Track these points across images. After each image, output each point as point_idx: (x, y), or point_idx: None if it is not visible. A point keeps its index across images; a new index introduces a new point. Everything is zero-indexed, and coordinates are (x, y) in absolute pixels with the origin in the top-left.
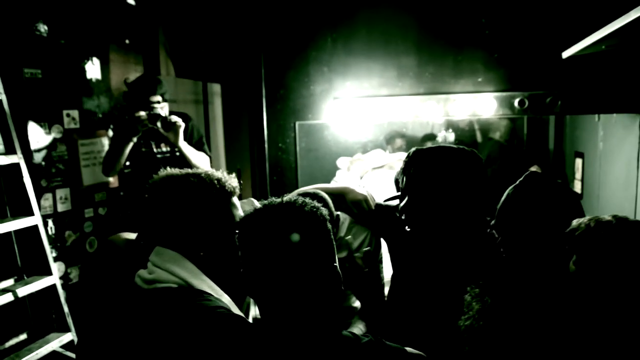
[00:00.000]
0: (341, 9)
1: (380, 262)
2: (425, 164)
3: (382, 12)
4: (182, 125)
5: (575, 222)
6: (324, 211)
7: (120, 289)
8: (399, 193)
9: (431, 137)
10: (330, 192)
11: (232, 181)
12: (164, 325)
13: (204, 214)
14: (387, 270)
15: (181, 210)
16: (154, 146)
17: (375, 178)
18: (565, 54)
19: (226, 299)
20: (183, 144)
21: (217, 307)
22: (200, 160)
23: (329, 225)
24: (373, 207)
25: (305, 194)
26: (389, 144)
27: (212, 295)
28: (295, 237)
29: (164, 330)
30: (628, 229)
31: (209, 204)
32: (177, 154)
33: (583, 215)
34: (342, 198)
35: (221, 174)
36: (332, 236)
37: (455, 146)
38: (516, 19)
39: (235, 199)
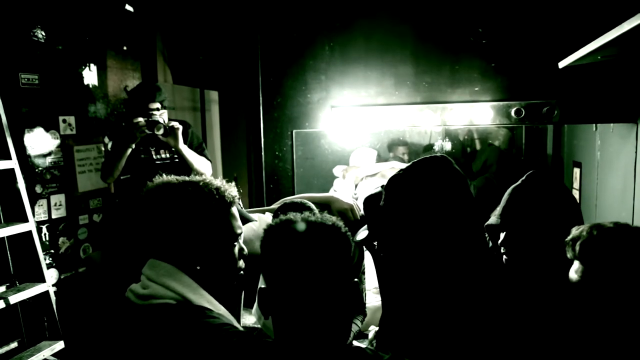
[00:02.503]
0: (339, 18)
1: (363, 272)
2: (394, 200)
3: (380, 21)
4: (180, 127)
5: (576, 231)
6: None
7: (101, 304)
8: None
9: (432, 146)
10: (316, 201)
11: (231, 190)
12: (167, 345)
13: (201, 226)
14: (369, 281)
15: (178, 221)
16: (153, 153)
17: (368, 186)
18: (562, 64)
19: (225, 313)
20: (183, 147)
21: (223, 325)
22: (201, 165)
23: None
24: (358, 217)
25: (292, 203)
26: (391, 152)
27: (214, 312)
28: (301, 226)
29: (168, 350)
30: (632, 237)
31: (207, 214)
32: (177, 160)
33: (581, 215)
34: (327, 207)
35: (220, 182)
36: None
37: (416, 162)
38: (513, 29)
39: (234, 209)
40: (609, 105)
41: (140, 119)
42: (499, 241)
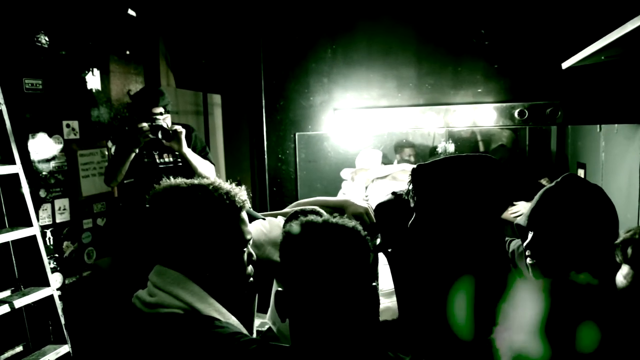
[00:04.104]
0: (341, 21)
1: (377, 277)
2: (430, 179)
3: (382, 23)
4: (183, 131)
5: (626, 233)
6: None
7: (107, 310)
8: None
9: (435, 148)
10: (330, 205)
11: (241, 194)
12: (177, 357)
13: (211, 232)
14: (382, 284)
15: (186, 226)
16: (156, 157)
17: (378, 188)
18: (565, 65)
19: (235, 322)
20: (187, 151)
21: (234, 334)
22: (205, 168)
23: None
24: (374, 220)
25: (302, 212)
26: (397, 153)
27: (222, 321)
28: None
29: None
30: None
31: (217, 220)
32: (180, 164)
33: (617, 220)
34: (341, 211)
35: (229, 186)
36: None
37: (462, 155)
38: (516, 30)
39: (244, 214)
40: (613, 105)
41: (144, 124)
42: (525, 243)
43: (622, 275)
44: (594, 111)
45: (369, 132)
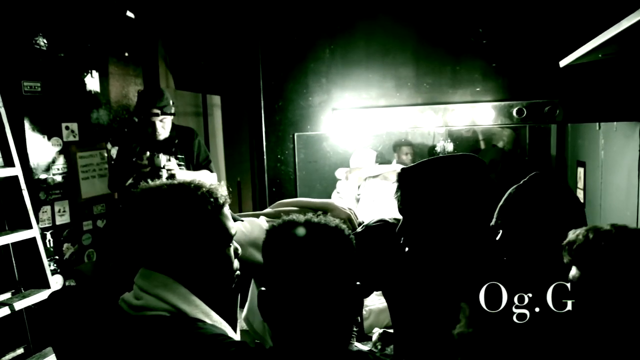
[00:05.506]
0: (339, 21)
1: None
2: (414, 182)
3: (380, 23)
4: (178, 173)
5: (572, 234)
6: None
7: (93, 315)
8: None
9: (434, 147)
10: (313, 207)
11: (222, 190)
12: (160, 357)
13: (197, 231)
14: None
15: (171, 228)
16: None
17: (369, 188)
18: (563, 63)
19: (221, 323)
20: (183, 175)
21: (217, 335)
22: (205, 179)
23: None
24: (356, 226)
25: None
26: (396, 153)
27: (207, 323)
28: (303, 229)
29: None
30: (629, 239)
31: (201, 219)
32: (181, 166)
33: (584, 219)
34: (325, 214)
35: (209, 184)
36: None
37: (446, 155)
38: (514, 28)
39: (226, 210)
40: (611, 103)
41: (145, 158)
42: (495, 240)
43: (570, 277)
44: (593, 109)
45: (367, 132)
